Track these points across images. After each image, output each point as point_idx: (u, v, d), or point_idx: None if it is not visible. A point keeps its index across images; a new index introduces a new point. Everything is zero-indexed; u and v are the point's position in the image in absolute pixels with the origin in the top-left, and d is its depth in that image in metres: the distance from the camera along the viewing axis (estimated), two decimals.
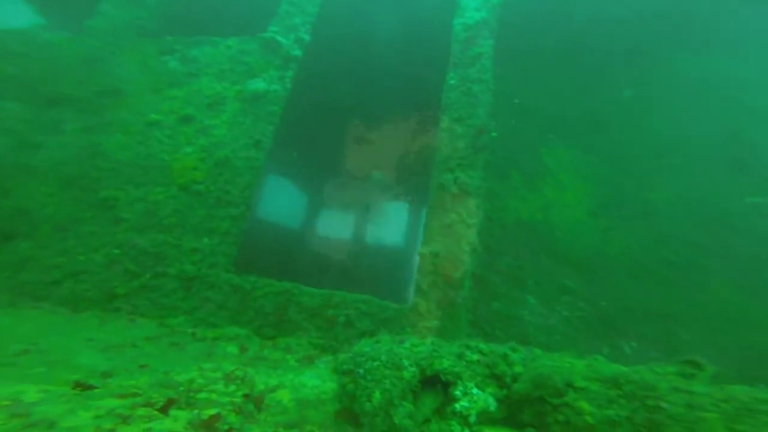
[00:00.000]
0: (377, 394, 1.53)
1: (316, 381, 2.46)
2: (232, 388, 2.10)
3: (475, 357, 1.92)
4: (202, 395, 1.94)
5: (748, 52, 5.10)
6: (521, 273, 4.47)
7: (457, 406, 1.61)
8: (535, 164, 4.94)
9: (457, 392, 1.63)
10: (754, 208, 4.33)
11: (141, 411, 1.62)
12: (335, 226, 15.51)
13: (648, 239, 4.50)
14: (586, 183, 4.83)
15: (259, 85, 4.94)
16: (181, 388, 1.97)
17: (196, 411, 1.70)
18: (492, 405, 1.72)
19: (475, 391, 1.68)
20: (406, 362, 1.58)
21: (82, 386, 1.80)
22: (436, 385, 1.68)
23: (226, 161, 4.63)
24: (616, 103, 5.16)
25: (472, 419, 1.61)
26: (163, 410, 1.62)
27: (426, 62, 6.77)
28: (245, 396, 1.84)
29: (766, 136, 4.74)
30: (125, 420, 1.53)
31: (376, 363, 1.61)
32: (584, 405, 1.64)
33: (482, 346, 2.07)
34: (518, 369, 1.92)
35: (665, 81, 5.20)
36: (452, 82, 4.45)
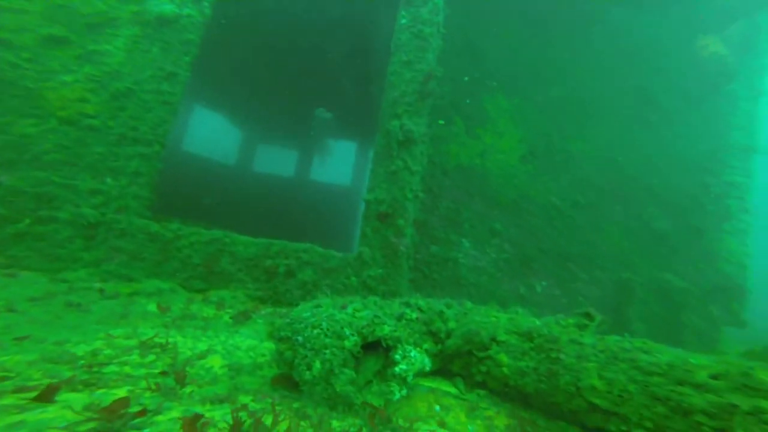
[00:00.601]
0: (317, 364, 1.46)
1: (252, 341, 2.34)
2: (151, 358, 1.86)
3: (415, 315, 1.96)
4: (111, 369, 1.67)
5: (669, 11, 5.44)
6: (458, 217, 4.73)
7: (396, 369, 1.65)
8: (477, 111, 4.98)
9: (397, 356, 1.67)
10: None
11: (8, 400, 1.25)
12: (272, 169, 14.48)
13: (565, 184, 5.04)
14: (520, 131, 5.07)
15: (165, 7, 3.94)
16: (80, 363, 1.66)
17: (99, 391, 1.45)
18: (427, 365, 1.83)
19: (413, 353, 1.74)
20: (347, 331, 1.52)
21: None
22: (377, 348, 1.67)
23: (129, 94, 3.78)
24: (552, 58, 5.26)
25: (409, 379, 1.68)
26: (45, 396, 1.25)
27: None
28: (162, 372, 1.62)
29: (669, 96, 5.39)
30: None
31: (316, 331, 1.53)
32: (503, 358, 1.84)
33: (421, 302, 2.12)
34: (452, 324, 2.03)
35: (598, 39, 5.42)
36: (404, 21, 4.00)
